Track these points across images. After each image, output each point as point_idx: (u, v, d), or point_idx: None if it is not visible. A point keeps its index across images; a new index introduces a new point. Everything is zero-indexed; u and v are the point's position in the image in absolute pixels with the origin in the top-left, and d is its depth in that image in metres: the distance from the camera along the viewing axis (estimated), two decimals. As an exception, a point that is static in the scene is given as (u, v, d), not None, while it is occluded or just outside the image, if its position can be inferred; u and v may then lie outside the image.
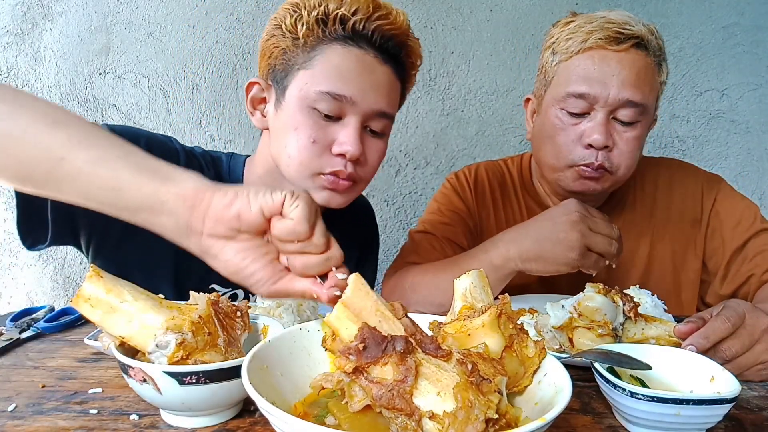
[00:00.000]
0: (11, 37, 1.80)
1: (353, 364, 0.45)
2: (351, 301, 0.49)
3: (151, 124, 1.86)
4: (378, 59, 0.92)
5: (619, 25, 1.02)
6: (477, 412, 0.41)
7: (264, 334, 0.69)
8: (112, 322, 0.57)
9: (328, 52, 0.91)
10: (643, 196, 1.22)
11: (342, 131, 0.92)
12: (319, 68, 0.91)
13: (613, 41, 1.01)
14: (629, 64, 1.01)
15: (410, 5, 1.84)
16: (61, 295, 1.93)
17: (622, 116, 1.03)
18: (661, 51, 1.06)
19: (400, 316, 0.49)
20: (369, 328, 0.46)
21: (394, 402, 0.43)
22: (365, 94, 0.91)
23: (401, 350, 0.45)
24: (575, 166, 1.06)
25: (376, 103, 0.93)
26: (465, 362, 0.45)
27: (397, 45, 0.94)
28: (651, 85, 1.04)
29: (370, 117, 0.94)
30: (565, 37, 1.07)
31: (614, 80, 1.01)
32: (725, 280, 1.13)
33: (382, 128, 0.97)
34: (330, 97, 0.89)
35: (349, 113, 0.92)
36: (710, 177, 1.22)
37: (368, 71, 0.92)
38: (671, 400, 0.55)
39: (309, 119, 0.91)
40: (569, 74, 1.06)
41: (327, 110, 0.90)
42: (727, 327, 0.70)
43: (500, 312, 0.54)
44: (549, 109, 1.10)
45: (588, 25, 1.04)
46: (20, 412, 0.61)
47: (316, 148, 0.92)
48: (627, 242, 1.14)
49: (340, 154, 0.92)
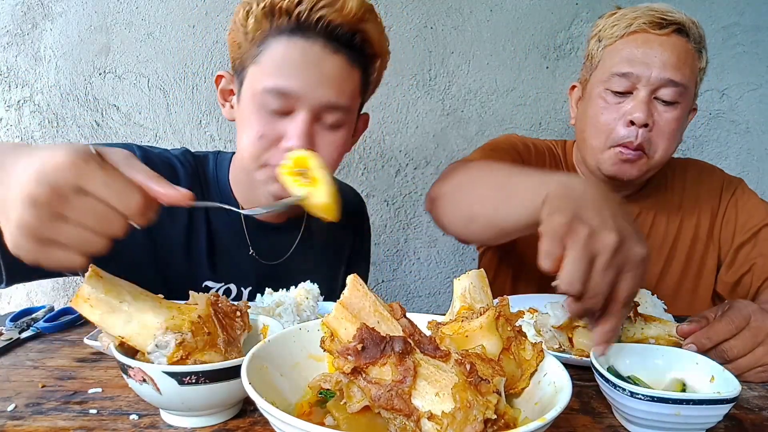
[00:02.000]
0: (11, 37, 1.80)
1: (352, 364, 0.45)
2: (349, 301, 0.49)
3: (150, 124, 1.86)
4: (327, 49, 0.90)
5: (662, 13, 1.09)
6: (475, 412, 0.41)
7: (264, 334, 0.69)
8: (112, 322, 0.57)
9: (273, 46, 0.90)
10: (673, 189, 1.28)
11: (290, 126, 0.91)
12: (265, 63, 0.90)
13: (656, 26, 1.08)
14: (671, 47, 1.08)
15: (410, 5, 1.84)
16: (61, 295, 1.93)
17: (663, 95, 1.08)
18: (701, 39, 1.13)
19: (399, 317, 0.49)
20: (367, 329, 0.46)
21: (393, 402, 0.43)
22: (312, 87, 0.89)
23: (400, 351, 0.44)
24: (616, 146, 1.11)
25: (324, 96, 0.91)
26: (463, 363, 0.45)
27: (347, 32, 0.91)
28: (691, 68, 1.10)
29: (321, 110, 0.92)
30: (611, 24, 1.14)
31: (656, 61, 1.07)
32: (731, 267, 1.19)
33: (337, 121, 0.95)
34: (275, 93, 0.89)
35: (298, 108, 0.91)
36: (732, 177, 1.30)
37: (314, 63, 0.90)
38: (671, 400, 0.55)
39: (257, 114, 0.92)
40: (614, 56, 1.12)
41: (274, 105, 0.90)
42: (730, 329, 0.71)
43: (498, 314, 0.54)
44: (594, 90, 1.16)
45: (632, 12, 1.12)
46: (20, 412, 0.61)
47: (264, 143, 0.92)
48: (657, 224, 1.24)
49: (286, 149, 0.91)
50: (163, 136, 1.86)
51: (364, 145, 1.90)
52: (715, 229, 1.24)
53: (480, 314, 0.54)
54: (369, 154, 1.92)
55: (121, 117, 1.86)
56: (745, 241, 1.17)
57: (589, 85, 1.19)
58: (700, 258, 1.23)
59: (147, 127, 1.86)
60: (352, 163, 1.91)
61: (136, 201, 0.55)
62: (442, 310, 0.68)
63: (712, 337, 0.71)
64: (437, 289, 2.02)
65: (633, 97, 1.10)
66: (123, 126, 1.86)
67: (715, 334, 0.71)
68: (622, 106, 1.10)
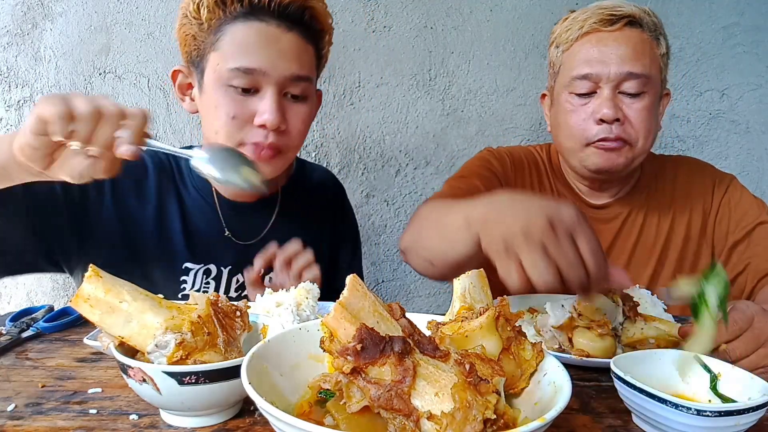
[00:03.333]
0: (11, 37, 1.80)
1: (351, 364, 0.45)
2: (349, 301, 0.49)
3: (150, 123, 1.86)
4: (282, 27, 0.96)
5: (610, 9, 1.10)
6: (475, 412, 0.41)
7: (263, 334, 0.69)
8: (112, 322, 0.57)
9: (231, 31, 0.95)
10: (664, 187, 1.27)
11: (261, 103, 0.96)
12: (227, 47, 0.95)
13: (607, 23, 1.09)
14: (625, 41, 1.09)
15: (410, 5, 1.84)
16: (61, 295, 1.93)
17: (627, 88, 1.09)
18: (656, 27, 1.13)
19: (398, 317, 0.49)
20: (367, 329, 0.46)
21: (392, 402, 0.43)
22: (274, 62, 0.95)
23: (399, 351, 0.44)
24: (592, 143, 1.11)
25: (288, 69, 0.96)
26: (463, 363, 0.45)
27: (297, 10, 0.97)
28: (651, 56, 1.10)
29: (286, 84, 0.98)
30: (564, 29, 1.16)
31: (613, 57, 1.08)
32: (726, 267, 1.15)
33: (302, 91, 1.00)
34: (241, 72, 0.94)
35: (264, 84, 0.96)
36: (724, 174, 1.27)
37: (273, 41, 0.95)
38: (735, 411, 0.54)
39: (226, 96, 0.96)
40: (572, 60, 1.13)
41: (242, 85, 0.95)
42: (733, 330, 0.70)
43: (498, 314, 0.54)
44: (560, 96, 1.17)
45: (583, 14, 1.13)
46: (20, 412, 0.61)
47: (237, 123, 0.96)
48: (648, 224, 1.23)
49: (261, 125, 0.96)
50: (163, 136, 1.86)
51: (364, 145, 1.91)
52: (708, 228, 1.22)
53: (480, 314, 0.54)
54: (369, 154, 1.91)
55: (121, 117, 1.85)
56: (738, 240, 1.16)
57: (555, 92, 1.21)
58: (693, 257, 1.22)
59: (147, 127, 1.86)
60: (352, 163, 1.91)
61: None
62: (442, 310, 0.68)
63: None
64: (437, 289, 2.02)
65: (598, 95, 1.10)
66: (123, 126, 1.85)
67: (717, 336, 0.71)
68: (589, 106, 1.11)
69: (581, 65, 1.11)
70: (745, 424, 0.55)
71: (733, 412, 0.54)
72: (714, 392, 0.62)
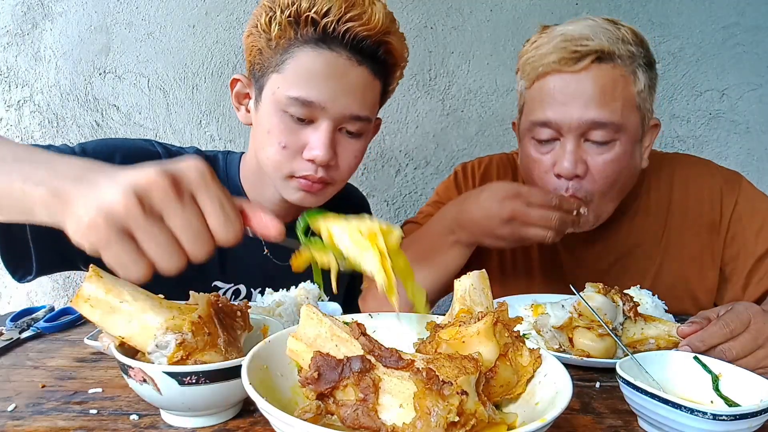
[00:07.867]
0: (11, 37, 1.80)
1: (314, 392, 0.45)
2: (302, 332, 0.50)
3: (151, 124, 1.86)
4: (352, 61, 0.90)
5: (575, 42, 0.94)
6: (435, 418, 0.41)
7: (264, 334, 0.69)
8: (112, 322, 0.57)
9: (299, 56, 0.90)
10: (658, 197, 1.15)
11: (313, 135, 0.92)
12: (290, 72, 0.90)
13: (570, 62, 0.94)
14: (591, 83, 0.94)
15: (410, 5, 1.84)
16: (61, 295, 1.93)
17: (594, 137, 0.96)
18: (633, 58, 0.96)
19: (357, 336, 0.49)
20: (321, 356, 0.46)
21: (360, 421, 0.44)
22: (336, 99, 0.90)
23: (358, 370, 0.45)
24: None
25: (348, 107, 0.92)
26: (421, 370, 0.45)
27: (373, 45, 0.91)
28: (624, 98, 0.95)
29: (343, 121, 0.93)
30: (527, 60, 1.01)
31: (576, 102, 0.94)
32: (747, 288, 1.08)
33: (358, 130, 0.96)
34: (299, 103, 0.90)
35: (321, 118, 0.92)
36: (729, 176, 1.15)
37: (339, 75, 0.90)
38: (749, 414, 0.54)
39: (281, 123, 0.92)
40: (533, 101, 1.00)
41: (298, 114, 0.91)
42: (725, 332, 0.70)
43: (496, 320, 0.54)
44: (523, 137, 1.06)
45: (546, 45, 0.97)
46: (20, 412, 0.61)
47: (288, 153, 0.93)
48: (640, 250, 1.15)
49: (310, 159, 0.92)
50: (163, 136, 1.86)
51: (364, 145, 1.91)
52: (716, 244, 1.11)
53: (478, 319, 0.54)
54: (369, 154, 1.91)
55: (121, 117, 1.86)
56: (759, 259, 1.06)
57: (519, 129, 1.09)
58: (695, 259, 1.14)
59: (147, 127, 1.86)
60: (352, 163, 1.91)
61: (237, 227, 0.52)
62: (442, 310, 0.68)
63: (706, 340, 0.70)
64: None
65: (561, 144, 0.97)
66: (123, 126, 1.86)
67: (709, 338, 0.71)
68: (549, 156, 1.00)
69: (541, 110, 0.97)
70: (756, 425, 0.55)
71: (748, 415, 0.53)
72: (717, 393, 0.62)
